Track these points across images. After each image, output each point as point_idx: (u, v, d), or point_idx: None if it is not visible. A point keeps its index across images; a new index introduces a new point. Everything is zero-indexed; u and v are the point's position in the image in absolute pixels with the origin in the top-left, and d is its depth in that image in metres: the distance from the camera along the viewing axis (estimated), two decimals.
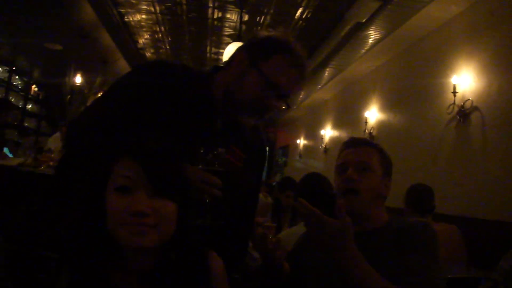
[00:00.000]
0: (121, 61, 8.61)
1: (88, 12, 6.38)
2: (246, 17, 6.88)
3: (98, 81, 8.70)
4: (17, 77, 9.45)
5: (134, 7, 6.93)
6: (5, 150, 6.10)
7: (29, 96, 10.07)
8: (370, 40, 6.21)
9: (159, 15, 7.21)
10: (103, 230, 1.04)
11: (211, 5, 6.63)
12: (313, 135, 10.67)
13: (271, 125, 14.04)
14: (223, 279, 1.17)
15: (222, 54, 7.82)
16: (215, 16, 7.07)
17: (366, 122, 7.11)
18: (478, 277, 3.06)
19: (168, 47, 8.91)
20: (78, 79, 8.95)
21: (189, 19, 7.28)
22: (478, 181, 4.29)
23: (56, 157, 4.65)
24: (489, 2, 4.52)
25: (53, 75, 9.28)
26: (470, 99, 4.52)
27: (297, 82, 1.58)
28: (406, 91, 6.12)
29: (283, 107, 1.59)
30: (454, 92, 4.68)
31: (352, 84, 8.24)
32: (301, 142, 11.76)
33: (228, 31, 7.67)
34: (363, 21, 5.67)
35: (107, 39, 7.49)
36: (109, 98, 1.54)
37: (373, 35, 6.03)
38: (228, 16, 7.01)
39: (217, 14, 6.98)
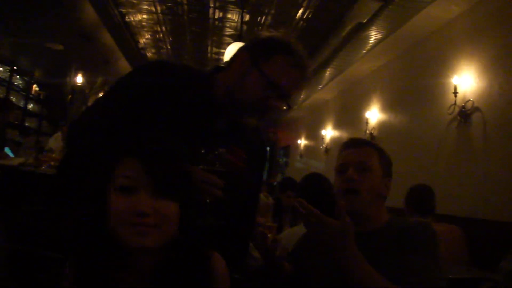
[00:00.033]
0: (122, 61, 8.62)
1: (89, 12, 6.39)
2: (247, 17, 6.87)
3: (99, 81, 8.73)
4: (18, 76, 9.45)
5: (135, 7, 6.93)
6: (6, 149, 6.09)
7: (30, 96, 10.07)
8: (371, 41, 6.20)
9: (160, 15, 7.21)
10: (105, 230, 1.04)
11: (212, 5, 6.63)
12: (314, 135, 10.66)
13: (272, 125, 14.03)
14: (225, 279, 1.17)
15: (223, 54, 7.82)
16: (216, 16, 7.07)
17: (367, 123, 7.11)
18: (479, 278, 3.06)
19: (169, 47, 8.91)
20: (79, 79, 8.97)
21: (190, 19, 7.28)
22: (479, 182, 4.28)
23: (57, 157, 4.66)
24: (490, 2, 4.51)
25: (54, 75, 9.31)
26: (471, 99, 4.51)
27: (298, 83, 1.58)
28: (407, 91, 6.12)
29: (284, 107, 1.60)
30: (455, 93, 4.68)
31: (353, 85, 8.23)
32: (302, 142, 11.75)
33: (229, 31, 7.67)
34: (364, 21, 5.67)
35: (108, 39, 7.50)
36: (110, 98, 1.54)
37: (374, 36, 6.02)
38: (229, 16, 7.01)
39: (218, 14, 6.98)
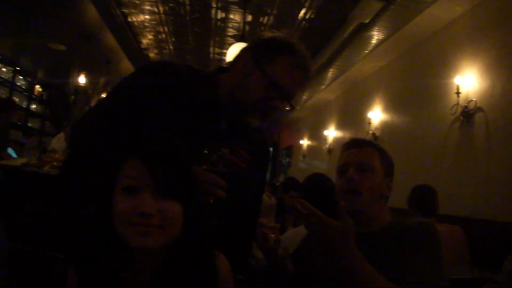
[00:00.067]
0: (125, 61, 8.62)
1: (92, 13, 6.39)
2: (249, 18, 6.88)
3: (102, 81, 8.73)
4: (21, 77, 9.46)
5: (138, 7, 6.95)
6: (9, 150, 6.09)
7: (33, 96, 10.07)
8: (374, 41, 6.20)
9: (163, 15, 7.22)
10: (109, 230, 1.05)
11: (215, 6, 6.64)
12: (316, 135, 10.65)
13: (275, 125, 14.02)
14: (229, 280, 1.17)
15: (225, 54, 7.81)
16: (219, 17, 7.08)
17: (369, 123, 7.10)
18: (481, 278, 3.06)
19: (171, 47, 8.92)
20: (82, 80, 8.97)
21: (192, 19, 7.29)
22: (481, 182, 4.28)
23: (60, 157, 4.66)
24: (492, 2, 4.51)
25: (57, 75, 9.30)
26: (474, 99, 4.51)
27: (301, 83, 1.58)
28: (409, 91, 6.12)
29: (287, 108, 1.60)
30: (458, 93, 4.68)
31: (355, 85, 8.23)
32: (304, 142, 11.75)
33: (231, 31, 7.68)
34: (367, 21, 5.66)
35: (110, 39, 7.50)
36: (113, 99, 1.54)
37: (376, 36, 6.02)
38: (232, 16, 7.02)
39: (220, 15, 6.99)
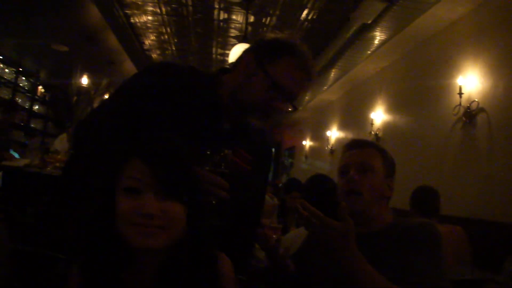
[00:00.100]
0: (127, 62, 8.63)
1: (94, 14, 6.40)
2: (251, 19, 6.87)
3: (104, 82, 8.72)
4: (23, 78, 9.48)
5: (140, 8, 6.95)
6: (10, 151, 6.10)
7: (36, 97, 10.08)
8: (376, 41, 6.21)
9: (165, 16, 7.23)
10: (111, 231, 1.05)
11: (217, 7, 6.64)
12: (319, 136, 10.65)
13: (277, 126, 14.02)
14: (231, 280, 1.18)
15: (227, 55, 7.83)
16: (221, 18, 7.08)
17: (372, 124, 7.10)
18: (482, 279, 3.06)
19: (174, 48, 8.93)
20: (85, 80, 8.97)
21: (195, 20, 7.30)
22: (484, 182, 4.28)
23: (63, 158, 4.66)
24: (495, 3, 4.51)
25: (59, 76, 9.31)
26: (476, 100, 4.51)
27: (303, 84, 1.58)
28: (412, 92, 6.11)
29: (289, 109, 1.60)
30: (460, 93, 4.68)
31: (358, 86, 8.23)
32: (307, 143, 11.74)
33: (233, 32, 7.68)
34: (369, 22, 5.66)
35: (113, 40, 7.51)
36: (116, 100, 1.55)
37: (378, 36, 6.02)
38: (234, 17, 7.01)
39: (222, 16, 6.99)
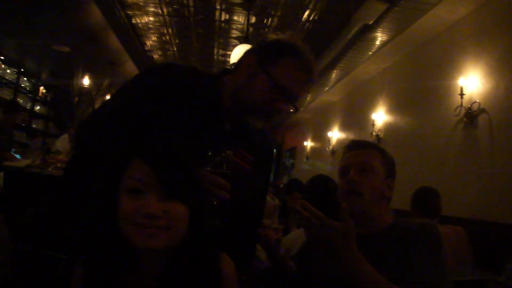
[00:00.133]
0: (129, 63, 8.63)
1: (96, 14, 6.40)
2: (253, 19, 6.88)
3: (106, 83, 8.72)
4: (25, 78, 9.51)
5: (142, 9, 6.95)
6: (12, 151, 6.11)
7: (37, 97, 10.13)
8: (377, 42, 6.20)
9: (167, 17, 7.23)
10: (114, 231, 1.05)
11: (219, 7, 6.64)
12: (320, 137, 10.64)
13: (279, 127, 14.01)
14: (234, 281, 1.18)
15: (229, 56, 7.82)
16: (223, 18, 7.08)
17: (373, 124, 7.10)
18: (483, 279, 3.05)
19: (175, 49, 8.93)
20: (86, 81, 8.99)
21: (196, 21, 7.29)
22: (485, 183, 4.27)
23: (64, 158, 4.66)
24: (496, 4, 4.51)
25: (61, 77, 9.33)
26: (477, 101, 4.51)
27: (305, 86, 1.58)
28: (413, 93, 6.11)
29: (291, 110, 1.60)
30: (461, 94, 4.68)
31: (359, 86, 8.22)
32: (308, 144, 11.74)
33: (235, 33, 7.68)
34: (370, 23, 5.66)
35: (114, 41, 7.51)
36: (118, 100, 1.55)
37: (380, 37, 6.01)
38: (235, 18, 7.01)
39: (224, 16, 6.99)
